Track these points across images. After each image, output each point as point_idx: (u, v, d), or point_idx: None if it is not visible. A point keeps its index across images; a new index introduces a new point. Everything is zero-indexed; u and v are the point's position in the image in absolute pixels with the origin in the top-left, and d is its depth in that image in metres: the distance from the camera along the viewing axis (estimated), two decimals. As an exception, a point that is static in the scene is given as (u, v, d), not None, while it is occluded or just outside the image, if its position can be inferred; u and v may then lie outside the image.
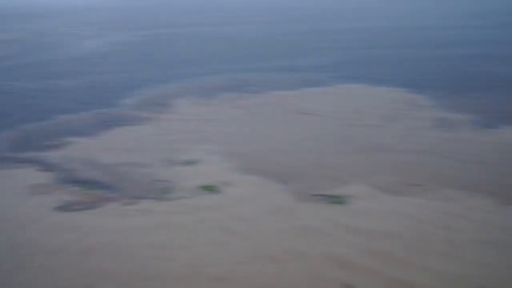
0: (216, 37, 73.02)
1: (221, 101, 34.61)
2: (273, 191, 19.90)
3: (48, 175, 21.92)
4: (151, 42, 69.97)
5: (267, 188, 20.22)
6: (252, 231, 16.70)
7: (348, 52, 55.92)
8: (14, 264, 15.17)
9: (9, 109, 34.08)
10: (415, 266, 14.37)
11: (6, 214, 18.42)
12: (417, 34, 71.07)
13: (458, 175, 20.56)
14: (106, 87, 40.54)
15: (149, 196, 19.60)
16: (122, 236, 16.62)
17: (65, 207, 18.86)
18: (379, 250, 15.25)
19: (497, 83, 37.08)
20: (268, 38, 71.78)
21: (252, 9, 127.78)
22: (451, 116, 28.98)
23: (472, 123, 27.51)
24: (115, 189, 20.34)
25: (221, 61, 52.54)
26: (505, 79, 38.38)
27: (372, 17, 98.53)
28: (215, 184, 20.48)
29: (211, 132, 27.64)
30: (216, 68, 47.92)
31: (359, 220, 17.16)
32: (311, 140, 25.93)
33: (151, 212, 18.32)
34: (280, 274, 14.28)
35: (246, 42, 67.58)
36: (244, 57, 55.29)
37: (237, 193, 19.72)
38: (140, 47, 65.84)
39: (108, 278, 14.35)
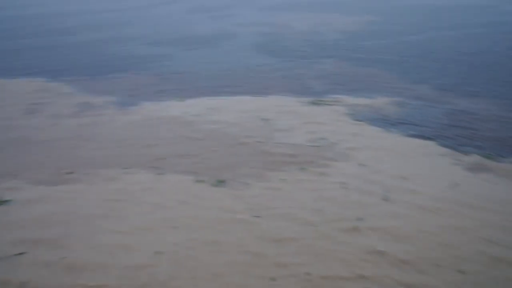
0: None
1: None
2: None
3: None
4: None
5: None
6: None
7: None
8: None
9: None
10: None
11: None
12: (66, 20, 67.65)
13: (110, 155, 20.48)
14: None
15: None
16: None
17: None
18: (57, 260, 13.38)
19: (132, 63, 39.43)
20: None
21: None
22: (93, 100, 28.81)
23: (113, 104, 28.13)
24: None
25: None
26: (139, 58, 41.18)
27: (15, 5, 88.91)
28: None
29: None
30: None
31: (23, 225, 14.94)
32: None
33: None
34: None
35: None
36: None
37: None
38: None
39: None
